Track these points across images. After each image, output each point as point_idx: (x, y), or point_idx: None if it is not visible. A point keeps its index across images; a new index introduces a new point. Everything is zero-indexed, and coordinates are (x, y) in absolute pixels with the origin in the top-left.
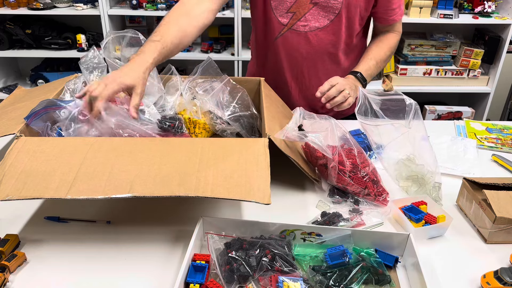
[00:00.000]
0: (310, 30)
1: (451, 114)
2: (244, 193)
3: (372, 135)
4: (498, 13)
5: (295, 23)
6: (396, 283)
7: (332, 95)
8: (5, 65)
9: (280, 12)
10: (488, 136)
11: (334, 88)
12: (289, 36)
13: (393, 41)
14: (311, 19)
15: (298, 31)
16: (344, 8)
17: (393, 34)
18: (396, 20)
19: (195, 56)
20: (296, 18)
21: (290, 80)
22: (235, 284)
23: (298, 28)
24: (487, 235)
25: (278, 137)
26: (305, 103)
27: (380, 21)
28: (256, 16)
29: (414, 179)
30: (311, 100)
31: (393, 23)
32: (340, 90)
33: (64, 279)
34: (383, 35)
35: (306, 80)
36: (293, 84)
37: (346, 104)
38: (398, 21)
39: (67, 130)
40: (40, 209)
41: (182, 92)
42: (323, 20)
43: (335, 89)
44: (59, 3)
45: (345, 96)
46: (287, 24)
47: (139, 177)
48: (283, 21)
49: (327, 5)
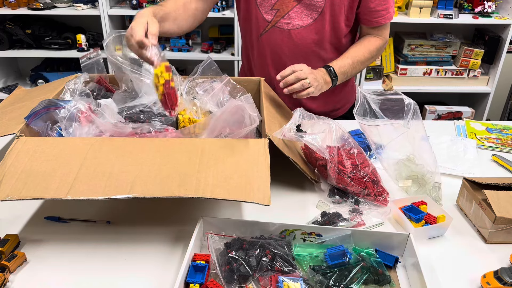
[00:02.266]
0: (293, 28)
1: (451, 114)
2: (244, 194)
3: (372, 136)
4: (498, 13)
5: (279, 20)
6: (396, 283)
7: (290, 81)
8: (5, 65)
9: (265, 9)
10: (488, 136)
11: (294, 75)
12: (273, 33)
13: (374, 45)
14: (294, 17)
15: (281, 28)
16: (328, 7)
17: (376, 39)
18: (380, 23)
19: (195, 56)
20: (279, 15)
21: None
22: (235, 284)
23: (281, 25)
24: (487, 235)
25: (276, 136)
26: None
27: (363, 22)
28: (242, 13)
29: (414, 179)
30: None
31: (376, 25)
32: (300, 78)
33: (64, 279)
34: (365, 38)
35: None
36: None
37: (305, 93)
38: (383, 25)
39: (67, 130)
40: (40, 209)
41: (182, 92)
42: (306, 19)
43: (294, 76)
44: (59, 3)
45: (304, 85)
46: (271, 21)
47: (139, 177)
48: (267, 17)
49: (310, 3)
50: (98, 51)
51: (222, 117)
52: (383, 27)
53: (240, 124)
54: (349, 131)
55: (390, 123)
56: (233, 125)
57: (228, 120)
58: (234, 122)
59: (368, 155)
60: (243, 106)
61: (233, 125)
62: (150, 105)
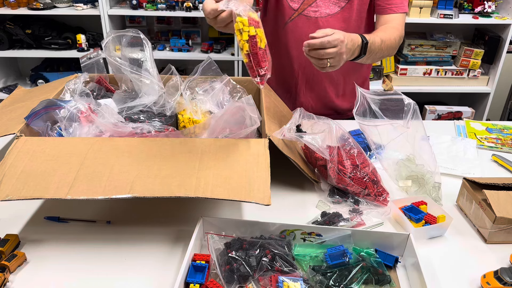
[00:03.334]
0: (320, 16)
1: (451, 114)
2: (244, 194)
3: (371, 136)
4: (498, 13)
5: (306, 8)
6: (396, 283)
7: (314, 46)
8: (5, 65)
9: None
10: (488, 136)
11: (320, 40)
12: (299, 21)
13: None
14: (322, 5)
15: (308, 16)
16: None
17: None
18: (394, 11)
19: (195, 56)
20: (307, 3)
21: (298, 69)
22: (235, 284)
23: (308, 13)
24: (487, 235)
25: (276, 136)
26: (310, 94)
27: (378, 10)
28: (269, 3)
29: (414, 179)
30: (317, 91)
31: (391, 13)
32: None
33: (64, 279)
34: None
35: (314, 69)
36: (300, 73)
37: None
38: (397, 13)
39: (67, 130)
40: (40, 209)
41: (182, 92)
42: (333, 7)
43: (320, 42)
44: (59, 3)
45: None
46: (297, 9)
47: (139, 177)
48: (294, 6)
49: None
50: (98, 51)
51: (223, 118)
52: (398, 18)
53: (240, 125)
54: (349, 131)
55: (390, 123)
56: (233, 126)
57: (228, 121)
58: (235, 123)
59: (368, 155)
60: (244, 107)
61: (234, 126)
62: (150, 105)
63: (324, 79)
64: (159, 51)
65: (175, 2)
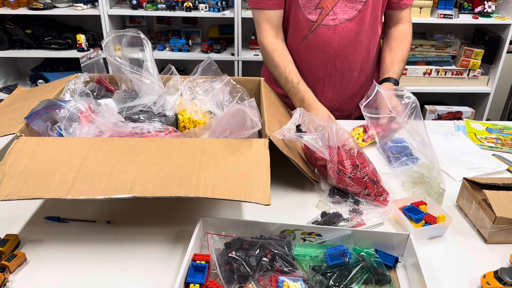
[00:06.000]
0: (340, 23)
1: (451, 114)
2: (244, 194)
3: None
4: (498, 13)
5: (324, 18)
6: (396, 283)
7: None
8: (5, 65)
9: (308, 10)
10: (488, 136)
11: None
12: (320, 32)
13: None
14: (339, 12)
15: (328, 25)
16: None
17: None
18: (407, 4)
19: (195, 56)
20: (324, 13)
21: (323, 77)
22: (235, 284)
23: (327, 22)
24: (487, 235)
25: (276, 136)
26: (339, 98)
27: (392, 7)
28: (287, 22)
29: (419, 182)
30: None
31: (404, 7)
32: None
33: (64, 279)
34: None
35: (339, 74)
36: (326, 81)
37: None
38: (408, 6)
39: (67, 130)
40: (40, 209)
41: (182, 92)
42: (350, 11)
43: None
44: (59, 3)
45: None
46: (316, 20)
47: (139, 177)
48: (312, 18)
49: None
50: (98, 51)
51: (224, 120)
52: (408, 11)
53: (241, 126)
54: (392, 139)
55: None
56: (234, 127)
57: (229, 122)
58: (236, 124)
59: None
60: (244, 109)
61: (235, 127)
62: (150, 105)
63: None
64: (159, 51)
65: (175, 2)
